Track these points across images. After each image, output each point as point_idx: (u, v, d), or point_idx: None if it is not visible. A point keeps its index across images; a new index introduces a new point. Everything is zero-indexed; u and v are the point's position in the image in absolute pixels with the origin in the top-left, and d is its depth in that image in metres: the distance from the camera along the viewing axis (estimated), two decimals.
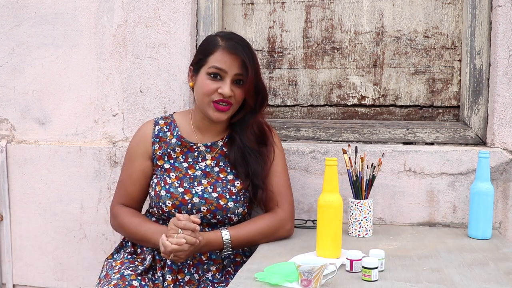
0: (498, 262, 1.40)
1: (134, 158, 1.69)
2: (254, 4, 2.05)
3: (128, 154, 1.72)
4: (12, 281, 2.17)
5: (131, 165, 1.70)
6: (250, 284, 1.23)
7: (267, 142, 1.68)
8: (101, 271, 1.69)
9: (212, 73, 1.58)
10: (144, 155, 1.69)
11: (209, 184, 1.62)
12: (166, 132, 1.70)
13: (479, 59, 1.85)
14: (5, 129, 2.17)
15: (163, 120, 1.73)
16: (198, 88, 1.62)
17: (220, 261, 1.61)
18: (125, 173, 1.71)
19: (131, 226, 1.63)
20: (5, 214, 2.15)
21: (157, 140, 1.69)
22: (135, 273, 1.52)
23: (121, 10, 2.02)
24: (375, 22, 1.97)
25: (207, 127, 1.69)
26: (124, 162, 1.73)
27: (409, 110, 1.98)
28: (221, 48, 1.58)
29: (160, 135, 1.69)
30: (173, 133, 1.69)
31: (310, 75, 2.03)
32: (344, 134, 1.95)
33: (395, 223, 1.85)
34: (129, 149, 1.73)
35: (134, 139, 1.73)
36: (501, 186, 1.77)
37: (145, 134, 1.70)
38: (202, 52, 1.63)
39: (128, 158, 1.71)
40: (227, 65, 1.57)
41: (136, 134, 1.74)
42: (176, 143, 1.68)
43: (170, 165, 1.66)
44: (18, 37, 2.12)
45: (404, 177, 1.83)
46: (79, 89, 2.09)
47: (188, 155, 1.67)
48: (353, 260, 1.30)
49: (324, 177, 1.42)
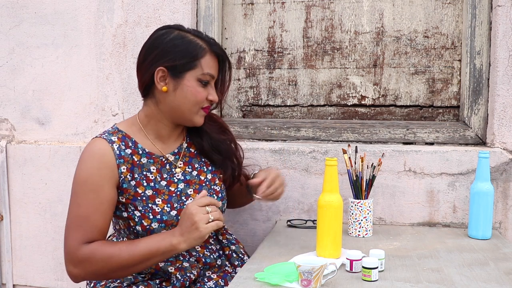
0: (498, 262, 1.40)
1: (99, 186, 1.39)
2: (254, 4, 2.05)
3: (88, 184, 1.39)
4: (12, 281, 2.17)
5: (96, 195, 1.39)
6: (250, 284, 1.23)
7: (225, 128, 1.65)
8: (88, 282, 1.57)
9: (204, 81, 1.46)
10: (110, 182, 1.41)
11: (196, 192, 1.53)
12: (125, 150, 1.45)
13: (479, 59, 1.85)
14: (5, 129, 2.17)
15: (114, 136, 1.46)
16: (183, 95, 1.45)
17: (214, 263, 1.57)
18: (86, 206, 1.39)
19: (123, 252, 1.35)
20: (5, 214, 2.15)
21: (121, 161, 1.43)
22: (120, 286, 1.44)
23: (121, 10, 2.02)
24: (375, 22, 1.97)
25: (169, 134, 1.54)
26: (80, 195, 1.40)
27: (409, 110, 1.98)
28: (209, 51, 1.46)
29: (122, 154, 1.44)
30: (137, 152, 1.47)
31: (310, 75, 2.03)
32: (344, 134, 1.95)
33: (395, 223, 1.85)
34: (85, 177, 1.40)
35: (90, 164, 1.41)
36: (501, 186, 1.77)
37: (106, 157, 1.42)
38: (185, 54, 1.44)
39: (90, 188, 1.39)
40: (215, 70, 1.49)
41: (91, 158, 1.42)
42: (148, 162, 1.48)
43: (152, 190, 1.47)
44: (18, 37, 2.12)
45: (404, 177, 1.83)
46: (79, 89, 2.09)
47: (162, 170, 1.50)
48: (353, 260, 1.30)
49: (324, 177, 1.42)
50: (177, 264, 1.50)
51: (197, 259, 1.54)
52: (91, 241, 1.39)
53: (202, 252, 1.55)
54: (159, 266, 1.49)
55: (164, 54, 1.44)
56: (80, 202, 1.40)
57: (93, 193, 1.39)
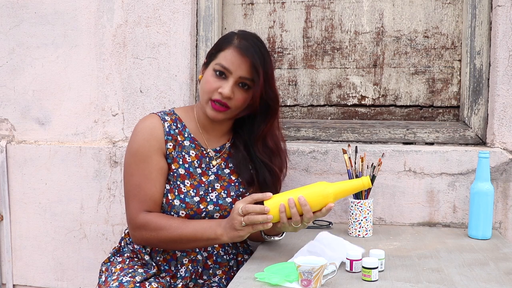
0: (498, 262, 1.40)
1: (148, 156, 1.50)
2: (254, 4, 2.05)
3: (138, 154, 1.50)
4: (12, 281, 2.17)
5: (146, 165, 1.49)
6: (250, 284, 1.23)
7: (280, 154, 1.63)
8: (99, 275, 1.64)
9: (218, 71, 1.50)
10: (159, 152, 1.51)
11: (223, 188, 1.57)
12: (175, 130, 1.56)
13: (479, 59, 1.85)
14: (5, 129, 2.17)
15: (168, 117, 1.57)
16: (202, 83, 1.55)
17: (226, 263, 1.60)
18: (139, 176, 1.50)
19: (172, 228, 1.45)
20: (5, 214, 2.15)
21: (169, 138, 1.53)
22: (133, 280, 1.46)
23: (121, 10, 2.02)
24: (375, 22, 1.97)
25: (212, 126, 1.60)
26: (133, 165, 1.51)
27: (409, 110, 1.98)
28: (233, 46, 1.50)
29: (171, 133, 1.54)
30: (183, 134, 1.57)
31: (310, 75, 2.03)
32: (344, 134, 1.95)
33: (395, 223, 1.85)
34: (136, 148, 1.51)
35: (141, 136, 1.52)
36: (501, 186, 1.77)
37: (156, 130, 1.52)
38: (215, 46, 1.56)
39: (140, 159, 1.50)
40: (234, 66, 1.49)
41: (142, 130, 1.53)
42: (190, 145, 1.57)
43: (185, 171, 1.54)
44: (18, 37, 2.12)
45: (404, 177, 1.83)
46: (79, 89, 2.09)
47: (202, 160, 1.58)
48: (353, 260, 1.30)
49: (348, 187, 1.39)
50: (192, 256, 1.56)
51: (208, 256, 1.58)
52: (148, 209, 1.49)
53: (218, 250, 1.59)
54: (176, 255, 1.56)
55: (211, 49, 1.59)
56: (133, 172, 1.51)
57: (143, 163, 1.50)
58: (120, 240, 1.67)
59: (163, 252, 1.57)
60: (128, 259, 1.60)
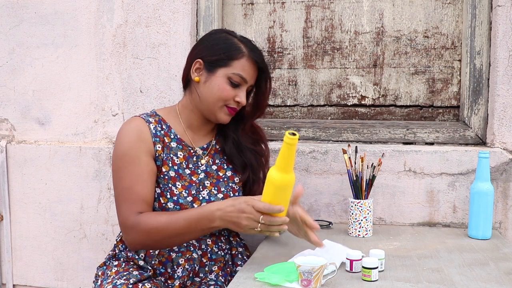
0: (498, 262, 1.40)
1: (137, 158, 1.48)
2: (254, 4, 2.05)
3: (127, 157, 1.48)
4: (12, 281, 2.17)
5: (136, 166, 1.47)
6: (250, 284, 1.23)
7: (261, 141, 1.70)
8: (95, 279, 1.62)
9: (235, 81, 1.52)
10: (148, 154, 1.50)
11: (212, 185, 1.59)
12: (161, 131, 1.55)
13: (479, 59, 1.85)
14: (5, 129, 2.17)
15: (152, 118, 1.56)
16: (211, 89, 1.53)
17: (221, 259, 1.60)
18: (129, 178, 1.47)
19: (165, 223, 1.41)
20: (5, 214, 2.15)
21: (157, 140, 1.53)
22: (127, 283, 1.45)
23: (121, 10, 2.02)
24: (375, 22, 1.97)
25: (199, 126, 1.62)
26: (122, 169, 1.48)
27: (409, 110, 1.98)
28: (247, 56, 1.53)
29: (158, 134, 1.54)
30: (169, 135, 1.57)
31: (310, 75, 2.03)
32: (344, 134, 1.95)
33: (395, 223, 1.85)
34: (124, 151, 1.49)
35: (128, 139, 1.50)
36: (501, 186, 1.77)
37: (143, 133, 1.51)
38: (223, 52, 1.52)
39: (129, 161, 1.48)
40: (249, 76, 1.54)
41: (128, 132, 1.51)
42: (177, 147, 1.57)
43: (175, 173, 1.54)
44: (18, 37, 2.12)
45: (404, 177, 1.83)
46: (79, 89, 2.09)
47: (189, 160, 1.58)
48: (353, 260, 1.30)
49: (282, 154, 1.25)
50: (187, 255, 1.55)
51: (203, 253, 1.58)
52: (140, 210, 1.46)
53: (211, 246, 1.59)
54: (171, 257, 1.54)
55: (206, 49, 1.55)
56: (122, 175, 1.49)
57: (132, 165, 1.48)
58: (114, 247, 1.64)
59: (158, 255, 1.55)
60: (124, 262, 1.59)
